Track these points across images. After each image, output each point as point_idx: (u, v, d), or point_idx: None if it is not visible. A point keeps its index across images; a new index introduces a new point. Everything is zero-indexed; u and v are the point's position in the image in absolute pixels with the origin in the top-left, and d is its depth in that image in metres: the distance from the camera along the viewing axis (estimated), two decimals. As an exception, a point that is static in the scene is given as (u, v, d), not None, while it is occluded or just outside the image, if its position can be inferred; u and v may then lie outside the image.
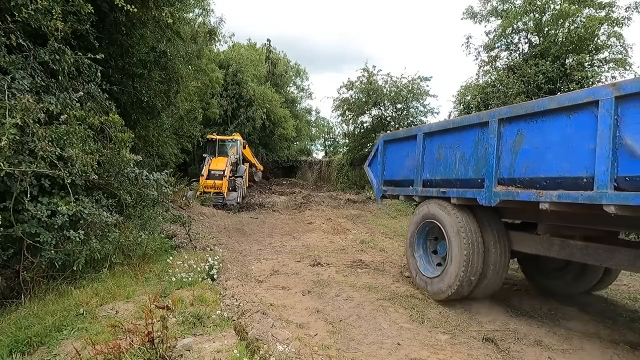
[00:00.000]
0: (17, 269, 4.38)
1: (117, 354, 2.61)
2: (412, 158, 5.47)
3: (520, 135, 3.87)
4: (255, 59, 28.47)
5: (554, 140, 3.51)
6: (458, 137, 4.72)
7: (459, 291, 4.51)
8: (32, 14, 4.51)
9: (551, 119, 3.56)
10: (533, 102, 3.83)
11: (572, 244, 3.91)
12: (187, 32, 11.12)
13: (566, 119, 3.41)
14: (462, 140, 4.63)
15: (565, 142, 3.40)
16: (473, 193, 4.34)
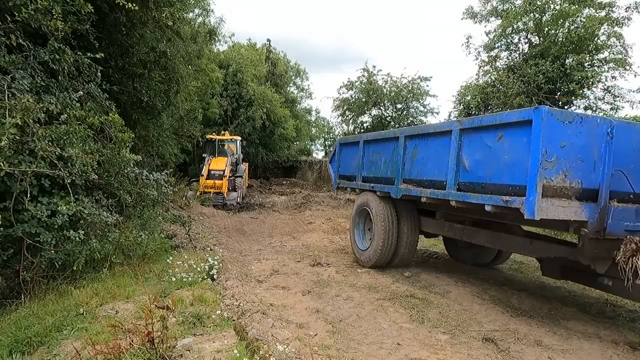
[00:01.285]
0: (17, 269, 4.38)
1: (117, 354, 2.61)
2: (357, 159, 6.91)
3: (416, 148, 5.35)
4: (255, 59, 28.46)
5: (432, 154, 4.98)
6: (383, 146, 6.18)
7: (380, 260, 6.07)
8: (32, 13, 4.51)
9: (432, 139, 5.04)
10: (423, 126, 5.82)
11: (456, 226, 5.38)
12: (187, 32, 11.12)
13: (438, 140, 4.87)
14: (385, 148, 6.07)
15: (437, 156, 4.85)
16: (389, 188, 5.82)
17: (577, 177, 3.59)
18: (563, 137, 3.54)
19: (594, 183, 3.63)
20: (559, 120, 3.54)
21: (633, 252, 3.38)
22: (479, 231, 5.02)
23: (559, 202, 3.53)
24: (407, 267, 6.26)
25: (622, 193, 3.70)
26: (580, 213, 3.57)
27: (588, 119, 3.74)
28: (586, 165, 3.60)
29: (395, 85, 20.05)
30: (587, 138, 3.61)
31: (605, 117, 4.14)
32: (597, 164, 3.63)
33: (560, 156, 3.51)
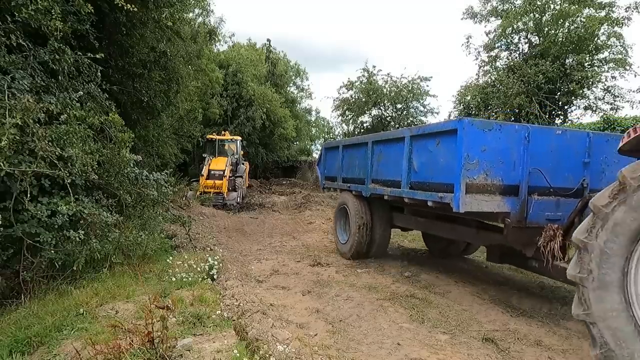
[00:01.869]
0: (17, 269, 4.37)
1: (117, 354, 2.61)
2: (337, 162, 7.70)
3: (381, 153, 6.08)
4: (255, 59, 28.44)
5: (392, 157, 5.68)
6: (357, 150, 6.88)
7: (357, 251, 6.78)
8: (32, 14, 4.51)
9: (391, 145, 5.76)
10: (385, 133, 6.77)
11: (419, 220, 6.21)
12: (187, 32, 11.12)
13: (396, 146, 5.53)
14: (359, 152, 6.77)
15: (395, 159, 5.52)
16: (361, 188, 6.54)
17: (499, 176, 4.22)
18: (483, 142, 4.16)
19: (514, 180, 4.24)
20: (479, 129, 4.17)
21: (551, 238, 3.90)
22: (438, 223, 5.79)
23: (481, 197, 4.16)
24: (381, 257, 6.98)
25: (542, 187, 4.25)
26: (502, 205, 4.18)
27: (507, 126, 4.39)
28: (506, 166, 4.22)
29: (395, 85, 20.05)
30: (507, 143, 4.23)
31: (522, 124, 4.81)
32: (516, 164, 4.24)
33: (481, 159, 4.16)
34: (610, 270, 2.77)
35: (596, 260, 2.81)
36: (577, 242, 2.93)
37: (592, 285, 2.80)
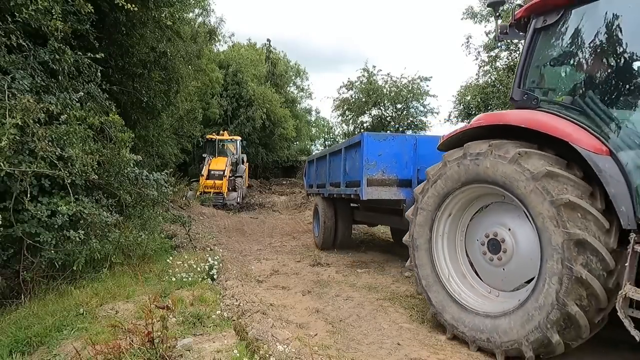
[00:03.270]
0: (17, 269, 4.38)
1: (117, 354, 2.61)
2: (313, 172, 9.61)
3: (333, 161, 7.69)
4: (255, 59, 28.45)
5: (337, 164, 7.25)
6: (322, 161, 8.64)
7: (325, 242, 8.03)
8: (32, 14, 4.51)
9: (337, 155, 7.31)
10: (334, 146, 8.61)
11: (369, 214, 7.44)
12: (187, 32, 11.12)
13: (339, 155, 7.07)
14: (323, 163, 8.47)
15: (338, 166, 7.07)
16: (323, 190, 8.19)
17: (394, 173, 5.78)
18: (380, 149, 5.79)
19: (407, 175, 5.79)
20: (375, 140, 5.86)
21: None
22: (377, 215, 7.11)
23: (381, 188, 5.73)
24: (347, 248, 8.16)
25: None
26: (398, 194, 5.70)
27: (399, 137, 7.01)
28: (400, 165, 5.72)
29: (395, 85, 20.05)
30: (399, 148, 5.81)
31: (412, 134, 6.98)
32: (408, 163, 5.79)
33: (378, 161, 5.77)
34: (421, 237, 3.99)
35: (415, 230, 4.03)
36: (407, 218, 4.20)
37: (413, 246, 4.07)
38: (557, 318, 2.85)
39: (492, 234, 3.55)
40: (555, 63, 3.56)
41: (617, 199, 2.78)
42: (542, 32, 3.54)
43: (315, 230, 8.73)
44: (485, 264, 3.67)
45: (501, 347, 3.13)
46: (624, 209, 2.76)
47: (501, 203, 3.59)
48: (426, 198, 3.91)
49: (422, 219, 3.96)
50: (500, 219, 3.57)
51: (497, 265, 3.53)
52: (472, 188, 3.60)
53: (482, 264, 3.71)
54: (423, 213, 3.94)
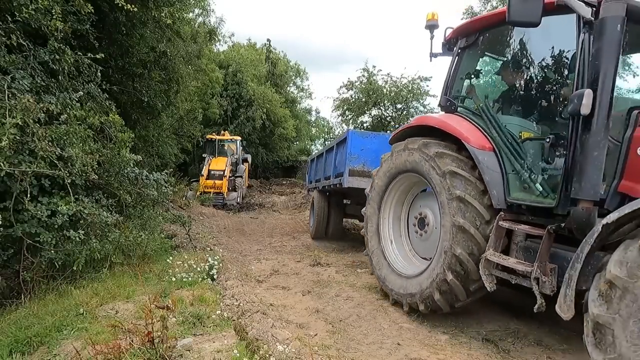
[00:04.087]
0: (17, 269, 4.38)
1: (117, 354, 2.61)
2: (312, 168, 10.58)
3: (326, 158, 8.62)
4: (255, 59, 28.42)
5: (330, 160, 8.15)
6: (320, 158, 9.61)
7: (317, 232, 8.96)
8: (32, 13, 4.51)
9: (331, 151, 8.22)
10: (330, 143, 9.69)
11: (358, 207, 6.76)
12: (187, 32, 11.12)
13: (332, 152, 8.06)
14: (320, 160, 9.41)
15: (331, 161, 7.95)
16: (319, 184, 9.03)
17: (374, 166, 5.91)
18: (363, 144, 6.66)
19: None
20: (359, 136, 6.84)
21: None
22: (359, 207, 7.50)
23: (360, 179, 6.52)
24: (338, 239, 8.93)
25: None
26: None
27: (380, 135, 7.45)
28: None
29: (395, 85, 20.01)
30: (380, 145, 6.29)
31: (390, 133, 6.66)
32: None
33: (360, 155, 6.62)
34: (371, 223, 4.93)
35: (368, 217, 4.99)
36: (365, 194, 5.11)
37: (368, 232, 4.97)
38: (440, 281, 3.70)
39: (419, 214, 4.48)
40: (470, 76, 4.40)
41: (491, 184, 3.55)
42: (465, 51, 4.34)
43: (311, 221, 9.87)
44: (415, 239, 4.64)
45: (406, 300, 4.20)
46: (495, 193, 3.53)
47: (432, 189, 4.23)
48: (377, 179, 4.87)
49: (371, 208, 4.96)
50: (428, 202, 4.40)
51: (422, 238, 4.47)
52: (407, 175, 4.49)
53: (414, 239, 4.68)
54: (375, 190, 4.89)
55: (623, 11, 2.70)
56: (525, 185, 3.46)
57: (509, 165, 3.55)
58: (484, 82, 4.43)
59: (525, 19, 2.98)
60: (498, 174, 3.56)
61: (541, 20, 2.90)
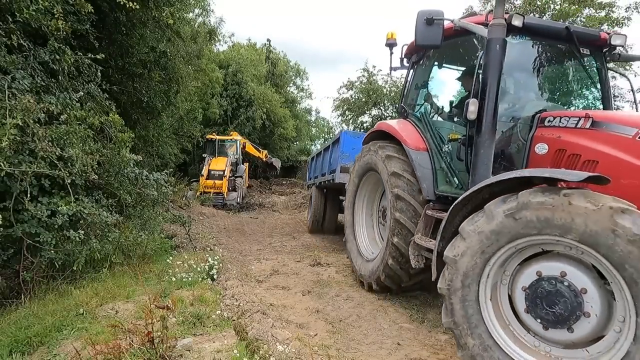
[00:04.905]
0: (17, 269, 4.38)
1: (117, 354, 2.61)
2: (312, 167, 11.35)
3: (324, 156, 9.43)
4: (255, 59, 28.41)
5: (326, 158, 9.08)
6: (318, 157, 10.44)
7: (313, 225, 9.77)
8: (32, 14, 4.51)
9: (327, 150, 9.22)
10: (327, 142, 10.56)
11: None
12: (187, 32, 11.11)
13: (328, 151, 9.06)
14: (319, 158, 10.18)
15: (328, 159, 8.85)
16: (317, 180, 9.79)
17: None
18: (354, 144, 7.20)
19: None
20: (351, 136, 7.60)
21: None
22: None
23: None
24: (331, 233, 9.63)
25: None
26: None
27: None
28: None
29: (395, 85, 20.00)
30: None
31: None
32: None
33: (351, 153, 7.03)
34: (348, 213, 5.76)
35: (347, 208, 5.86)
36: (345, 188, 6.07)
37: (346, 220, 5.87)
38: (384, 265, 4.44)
39: (382, 207, 5.25)
40: (418, 87, 4.96)
41: (421, 179, 4.19)
42: (417, 65, 4.96)
43: (308, 216, 10.59)
44: (381, 228, 5.40)
45: (365, 280, 4.97)
46: (425, 186, 4.16)
47: None
48: (352, 175, 5.61)
49: (351, 188, 5.70)
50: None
51: (383, 228, 5.08)
52: (372, 173, 5.10)
53: (381, 228, 5.40)
54: (351, 185, 5.68)
55: (503, 34, 3.24)
56: (447, 179, 4.11)
57: (437, 163, 4.20)
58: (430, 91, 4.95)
59: (429, 43, 3.63)
60: (429, 170, 4.23)
61: (442, 42, 3.56)
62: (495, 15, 3.27)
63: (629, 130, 2.93)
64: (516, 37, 3.78)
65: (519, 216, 2.43)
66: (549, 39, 3.89)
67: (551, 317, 2.42)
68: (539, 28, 3.77)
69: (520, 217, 2.43)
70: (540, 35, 3.81)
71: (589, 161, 3.07)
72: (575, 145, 3.20)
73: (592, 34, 4.02)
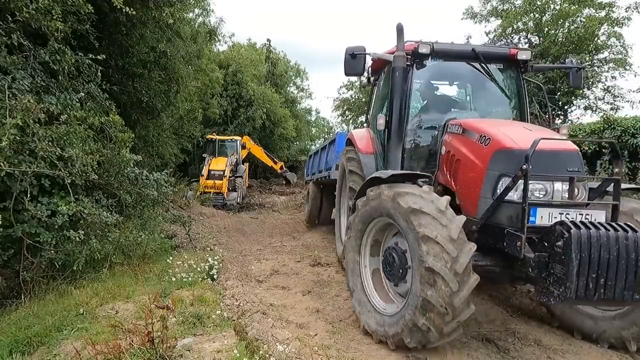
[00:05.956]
0: (17, 269, 4.38)
1: (117, 354, 2.62)
2: (310, 164, 11.97)
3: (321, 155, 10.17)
4: (255, 59, 28.41)
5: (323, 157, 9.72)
6: (316, 155, 11.13)
7: (310, 218, 10.61)
8: (32, 14, 4.51)
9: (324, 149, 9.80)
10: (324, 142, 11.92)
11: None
12: (187, 32, 11.12)
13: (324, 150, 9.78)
14: (316, 156, 10.92)
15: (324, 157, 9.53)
16: (314, 176, 10.50)
17: None
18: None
19: None
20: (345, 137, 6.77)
21: None
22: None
23: None
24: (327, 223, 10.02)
25: None
26: None
27: None
28: None
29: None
30: None
31: None
32: None
33: None
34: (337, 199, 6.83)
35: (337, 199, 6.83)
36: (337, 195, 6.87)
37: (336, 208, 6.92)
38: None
39: None
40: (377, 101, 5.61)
41: (367, 175, 4.72)
42: (377, 82, 5.68)
43: (306, 209, 11.59)
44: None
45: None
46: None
47: None
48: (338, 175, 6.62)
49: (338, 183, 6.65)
50: None
51: None
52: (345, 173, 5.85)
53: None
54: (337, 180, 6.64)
55: (403, 63, 4.06)
56: None
57: (380, 164, 5.03)
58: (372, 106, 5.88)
59: (354, 72, 4.60)
60: (372, 169, 5.10)
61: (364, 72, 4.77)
62: (397, 49, 4.02)
63: (475, 135, 3.77)
64: (430, 60, 4.59)
65: (369, 204, 3.61)
66: (460, 59, 4.64)
67: (395, 275, 3.45)
68: (448, 52, 4.56)
69: (369, 204, 3.61)
70: (451, 57, 4.63)
71: (457, 160, 3.96)
72: (454, 147, 4.03)
73: (499, 52, 4.76)
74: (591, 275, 2.72)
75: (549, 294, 2.94)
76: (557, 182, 3.28)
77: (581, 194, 3.35)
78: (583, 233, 2.74)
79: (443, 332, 3.08)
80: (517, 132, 3.61)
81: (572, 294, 2.73)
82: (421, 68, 4.57)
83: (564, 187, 3.25)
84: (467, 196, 3.76)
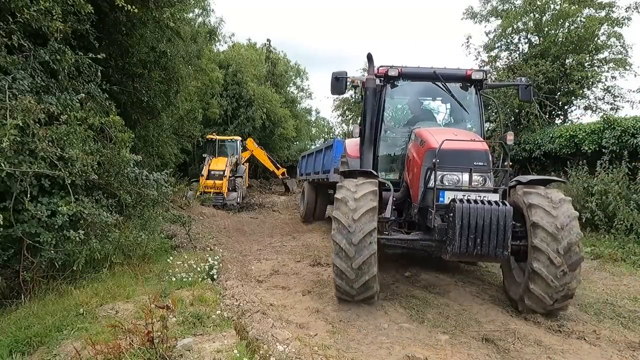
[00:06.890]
0: (17, 269, 4.38)
1: (117, 354, 2.62)
2: (304, 164, 13.13)
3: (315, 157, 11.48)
4: (255, 59, 28.41)
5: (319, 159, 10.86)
6: (309, 156, 12.36)
7: (305, 215, 11.40)
8: (33, 14, 4.51)
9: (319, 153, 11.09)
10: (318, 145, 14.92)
11: None
12: (187, 32, 11.12)
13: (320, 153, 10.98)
14: (311, 157, 12.01)
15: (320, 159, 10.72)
16: (309, 176, 11.56)
17: None
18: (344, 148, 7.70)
19: None
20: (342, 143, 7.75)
21: None
22: None
23: None
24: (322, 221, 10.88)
25: None
26: None
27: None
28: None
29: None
30: None
31: None
32: None
33: None
34: None
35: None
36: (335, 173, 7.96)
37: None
38: None
39: None
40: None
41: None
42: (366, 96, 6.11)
43: (301, 206, 12.42)
44: None
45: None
46: None
47: None
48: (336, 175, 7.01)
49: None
50: None
51: None
52: None
53: None
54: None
55: (374, 85, 5.24)
56: None
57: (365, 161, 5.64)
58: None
59: (337, 93, 5.63)
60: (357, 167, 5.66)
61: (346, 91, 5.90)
62: (369, 72, 5.29)
63: (419, 140, 4.88)
64: (399, 80, 5.63)
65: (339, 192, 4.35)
66: (424, 79, 5.57)
67: None
68: (414, 74, 5.56)
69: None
70: (416, 78, 5.61)
71: (409, 159, 5.08)
72: (410, 150, 5.12)
73: (457, 73, 5.55)
74: (470, 237, 3.76)
75: (445, 252, 4.02)
76: (465, 173, 4.34)
77: (484, 182, 4.39)
78: (465, 206, 3.78)
79: (354, 292, 4.08)
80: (444, 136, 4.42)
81: (457, 250, 3.81)
82: (394, 87, 5.71)
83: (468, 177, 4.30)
84: (413, 186, 4.83)
